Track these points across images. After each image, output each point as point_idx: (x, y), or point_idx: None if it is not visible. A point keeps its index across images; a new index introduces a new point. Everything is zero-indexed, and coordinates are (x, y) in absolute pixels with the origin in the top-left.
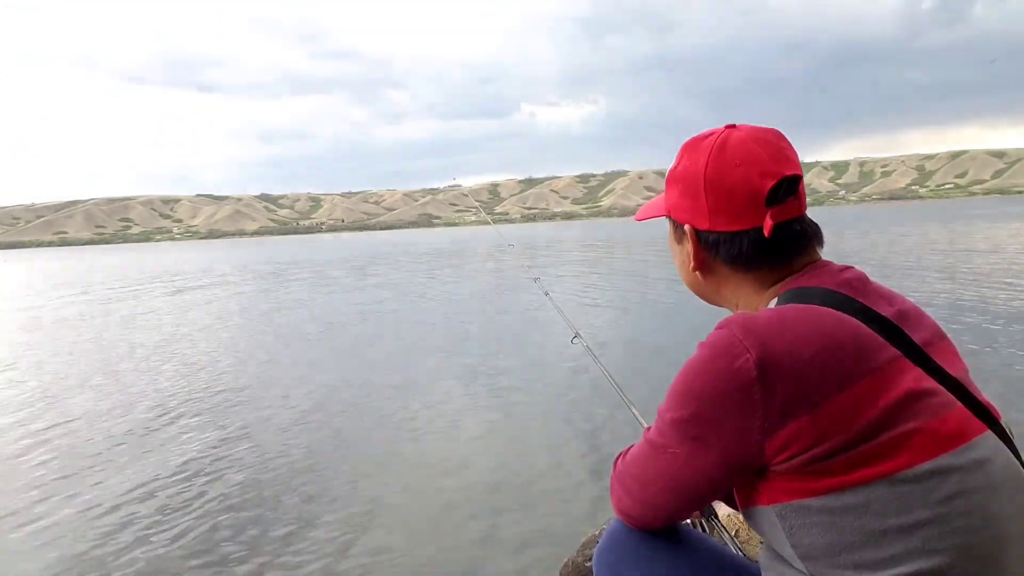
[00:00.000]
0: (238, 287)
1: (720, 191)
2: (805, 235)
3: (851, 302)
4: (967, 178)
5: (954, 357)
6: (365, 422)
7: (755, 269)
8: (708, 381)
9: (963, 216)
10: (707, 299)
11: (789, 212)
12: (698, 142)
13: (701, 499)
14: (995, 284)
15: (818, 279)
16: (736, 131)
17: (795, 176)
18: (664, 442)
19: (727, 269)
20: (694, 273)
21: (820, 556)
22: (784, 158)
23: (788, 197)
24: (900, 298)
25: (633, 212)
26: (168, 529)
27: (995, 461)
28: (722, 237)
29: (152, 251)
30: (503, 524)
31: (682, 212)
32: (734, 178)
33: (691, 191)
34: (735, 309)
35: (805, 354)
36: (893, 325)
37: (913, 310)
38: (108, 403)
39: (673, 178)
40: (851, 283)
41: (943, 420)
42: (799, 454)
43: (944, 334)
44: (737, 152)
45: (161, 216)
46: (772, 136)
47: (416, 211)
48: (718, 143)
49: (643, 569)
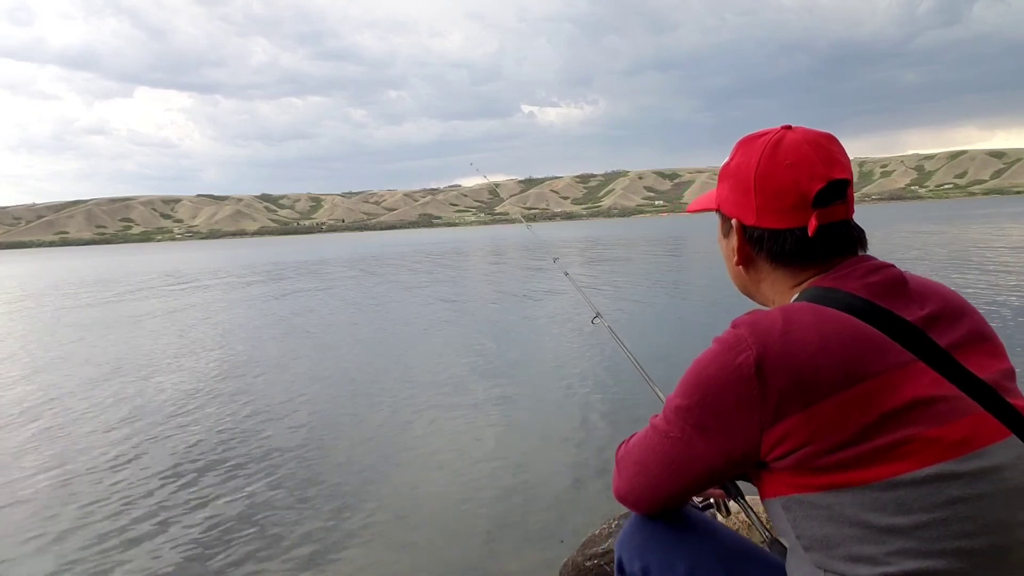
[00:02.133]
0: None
1: (769, 189)
2: (848, 238)
3: (869, 306)
4: (966, 178)
5: (993, 359)
6: (365, 417)
7: (794, 267)
8: (712, 373)
9: (974, 216)
10: (748, 294)
11: (835, 215)
12: (753, 139)
13: (697, 486)
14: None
15: (841, 281)
16: (791, 132)
17: (844, 180)
18: (668, 428)
19: (769, 266)
20: (737, 267)
21: (820, 547)
22: (835, 162)
23: (835, 200)
24: (940, 298)
25: (633, 212)
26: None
27: (1015, 467)
28: (767, 233)
29: (162, 251)
30: (503, 524)
31: (731, 206)
32: (784, 177)
33: (741, 186)
34: (772, 306)
35: (802, 355)
36: (914, 329)
37: (952, 310)
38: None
39: (726, 173)
40: (877, 285)
41: (950, 427)
42: (793, 451)
43: (987, 335)
44: (789, 152)
45: (162, 216)
46: (825, 140)
47: (416, 211)
48: (772, 142)
49: (666, 554)
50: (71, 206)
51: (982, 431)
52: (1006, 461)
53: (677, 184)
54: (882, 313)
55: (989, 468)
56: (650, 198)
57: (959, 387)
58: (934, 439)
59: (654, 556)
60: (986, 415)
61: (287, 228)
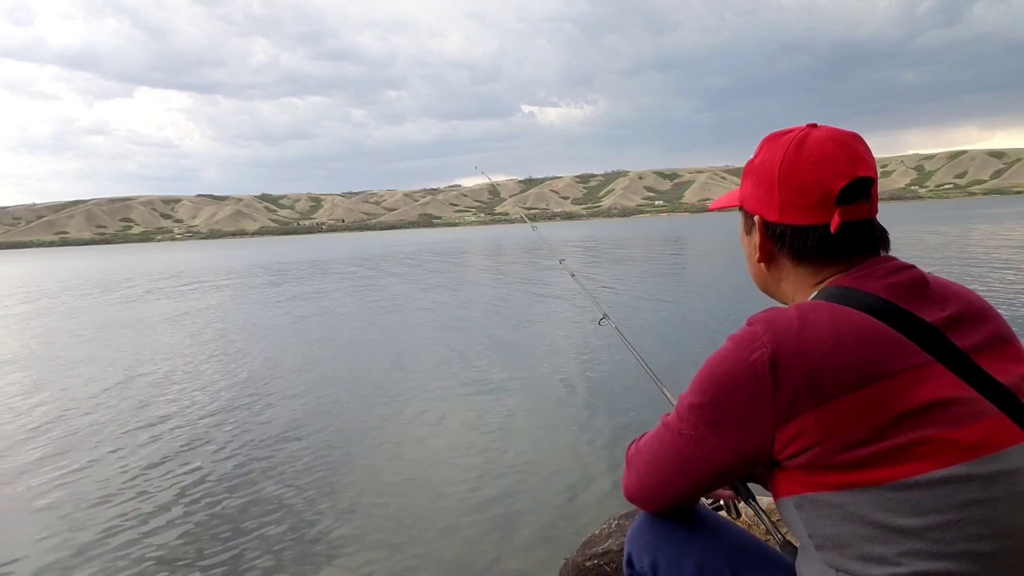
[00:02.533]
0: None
1: (793, 186)
2: (871, 237)
3: (888, 306)
4: (966, 178)
5: (1014, 362)
6: (366, 418)
7: (816, 264)
8: (726, 371)
9: (981, 215)
10: (769, 292)
11: (858, 213)
12: (778, 137)
13: (709, 484)
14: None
15: (862, 280)
16: (817, 130)
17: (868, 178)
18: (680, 425)
19: (790, 263)
20: (759, 264)
21: (832, 547)
22: (860, 160)
23: (859, 198)
24: (962, 300)
25: (633, 212)
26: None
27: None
28: (789, 230)
29: (163, 251)
30: (503, 523)
31: (754, 203)
32: (808, 175)
33: (765, 183)
34: (791, 305)
35: (817, 354)
36: (933, 330)
37: (974, 313)
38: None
39: (750, 169)
40: (898, 286)
41: (966, 429)
42: (807, 449)
43: (1008, 338)
44: (814, 150)
45: (162, 216)
46: (850, 138)
47: (416, 211)
48: (797, 139)
49: (676, 551)
50: (71, 206)
51: (999, 434)
52: (1022, 465)
53: (677, 184)
54: (901, 314)
55: (1005, 471)
56: (650, 198)
57: (977, 390)
58: (950, 441)
59: (663, 553)
60: (1004, 418)
61: (287, 228)
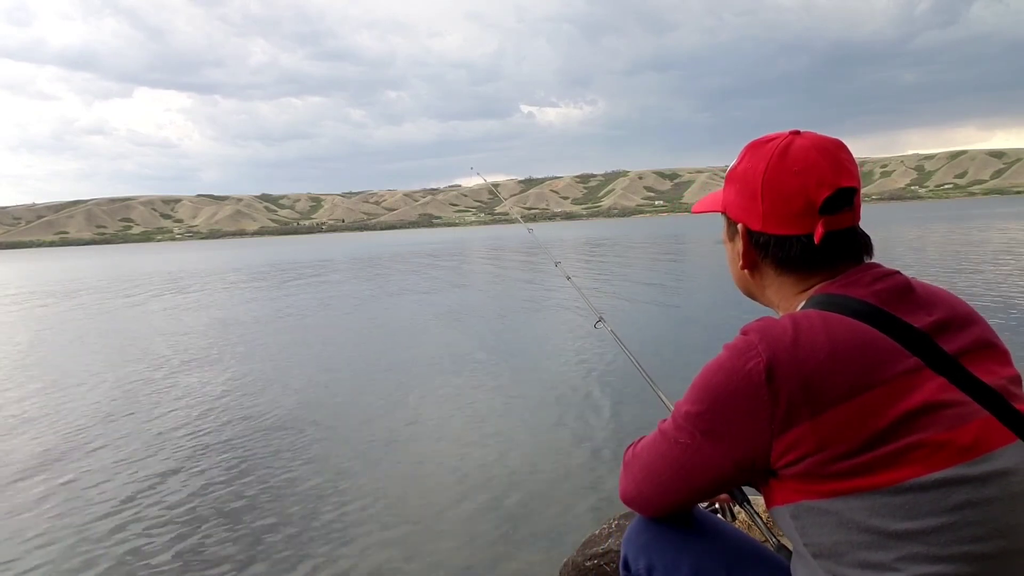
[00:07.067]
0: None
1: (777, 195)
2: (854, 245)
3: (877, 312)
4: (966, 178)
5: (999, 365)
6: (366, 419)
7: (800, 273)
8: (722, 380)
9: (981, 215)
10: (752, 297)
11: (842, 223)
12: (761, 144)
13: (704, 492)
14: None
15: (849, 288)
16: (800, 138)
17: (852, 188)
18: (677, 434)
19: (774, 271)
20: (742, 271)
21: (829, 555)
22: (843, 169)
23: (843, 208)
24: (948, 306)
25: (633, 212)
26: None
27: (1022, 472)
28: (773, 239)
29: (164, 251)
30: (504, 523)
31: (737, 211)
32: (792, 184)
33: (748, 191)
34: (777, 310)
35: (812, 362)
36: (921, 335)
37: (960, 318)
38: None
39: (732, 176)
40: (884, 292)
41: (959, 431)
42: (803, 458)
43: (992, 341)
44: (798, 159)
45: (162, 216)
46: (833, 146)
47: (416, 211)
48: (780, 148)
49: (671, 554)
50: (71, 206)
51: (990, 435)
52: (1012, 465)
53: (677, 184)
54: (890, 320)
55: (997, 472)
56: (650, 198)
57: (967, 393)
58: (943, 443)
59: (659, 555)
60: (993, 420)
61: (287, 228)
